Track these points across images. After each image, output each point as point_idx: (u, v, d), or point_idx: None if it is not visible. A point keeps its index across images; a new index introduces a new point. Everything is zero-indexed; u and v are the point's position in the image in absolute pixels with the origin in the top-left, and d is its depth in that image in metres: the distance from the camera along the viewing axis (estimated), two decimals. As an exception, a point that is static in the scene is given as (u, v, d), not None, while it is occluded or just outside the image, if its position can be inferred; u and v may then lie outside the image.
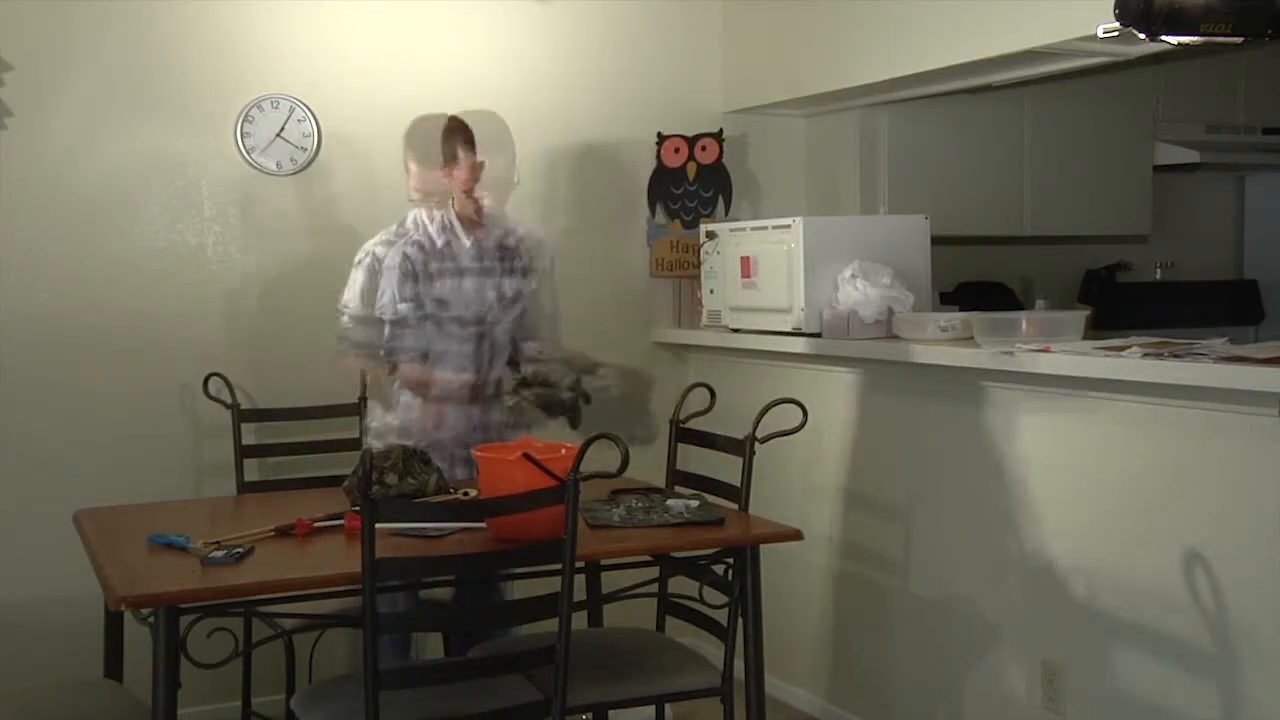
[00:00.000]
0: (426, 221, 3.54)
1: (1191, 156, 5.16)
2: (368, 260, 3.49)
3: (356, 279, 3.49)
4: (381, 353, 3.45)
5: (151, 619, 2.49)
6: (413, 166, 3.51)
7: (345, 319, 3.48)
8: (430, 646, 3.80)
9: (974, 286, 5.16)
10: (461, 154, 3.37)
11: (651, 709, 3.30)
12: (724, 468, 3.24)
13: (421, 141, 3.51)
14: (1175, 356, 2.87)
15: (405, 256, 3.36)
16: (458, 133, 3.41)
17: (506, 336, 3.51)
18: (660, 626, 3.26)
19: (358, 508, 2.48)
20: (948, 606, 3.57)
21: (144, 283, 3.90)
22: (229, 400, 3.64)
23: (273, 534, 2.80)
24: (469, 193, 3.40)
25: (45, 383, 3.80)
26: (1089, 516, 3.14)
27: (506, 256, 3.51)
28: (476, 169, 3.38)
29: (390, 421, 3.46)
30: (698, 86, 4.62)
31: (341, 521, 2.86)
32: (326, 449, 3.72)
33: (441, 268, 3.39)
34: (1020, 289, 5.38)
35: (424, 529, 2.78)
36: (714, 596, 3.03)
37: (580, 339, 3.58)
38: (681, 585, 3.14)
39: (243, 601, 2.63)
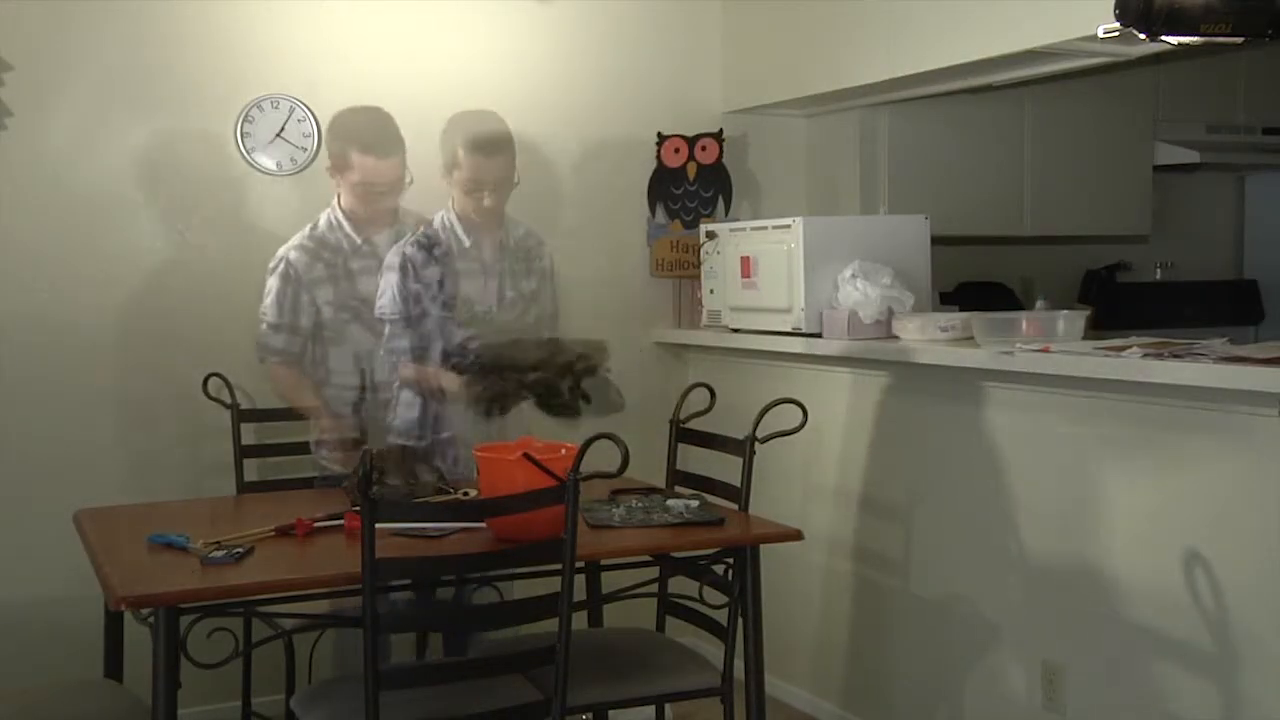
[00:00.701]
0: (342, 220, 3.52)
1: (1191, 156, 5.16)
2: (282, 267, 3.49)
3: (273, 286, 3.49)
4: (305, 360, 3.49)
5: (151, 619, 2.49)
6: (357, 157, 3.45)
7: (263, 327, 3.48)
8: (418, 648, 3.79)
9: (974, 286, 5.16)
10: (462, 154, 3.37)
11: (651, 709, 3.29)
12: (724, 468, 3.24)
13: (361, 130, 3.47)
14: (1175, 356, 2.87)
15: (405, 257, 3.35)
16: (457, 132, 3.41)
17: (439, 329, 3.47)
18: (660, 626, 3.26)
19: (358, 508, 2.48)
20: (948, 606, 3.57)
21: (144, 283, 3.90)
22: (229, 400, 3.63)
23: (273, 534, 2.80)
24: (470, 193, 3.39)
25: (45, 383, 3.80)
26: (1089, 516, 3.14)
27: (506, 256, 3.51)
28: (477, 169, 3.37)
29: (391, 422, 3.46)
30: (698, 86, 4.62)
31: (341, 521, 2.86)
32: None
33: (445, 267, 3.38)
34: (1020, 289, 5.39)
35: (424, 529, 2.78)
36: (714, 596, 3.03)
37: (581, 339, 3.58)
38: (681, 585, 3.14)
39: (243, 601, 2.63)
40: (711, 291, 4.29)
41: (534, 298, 3.56)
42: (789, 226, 3.89)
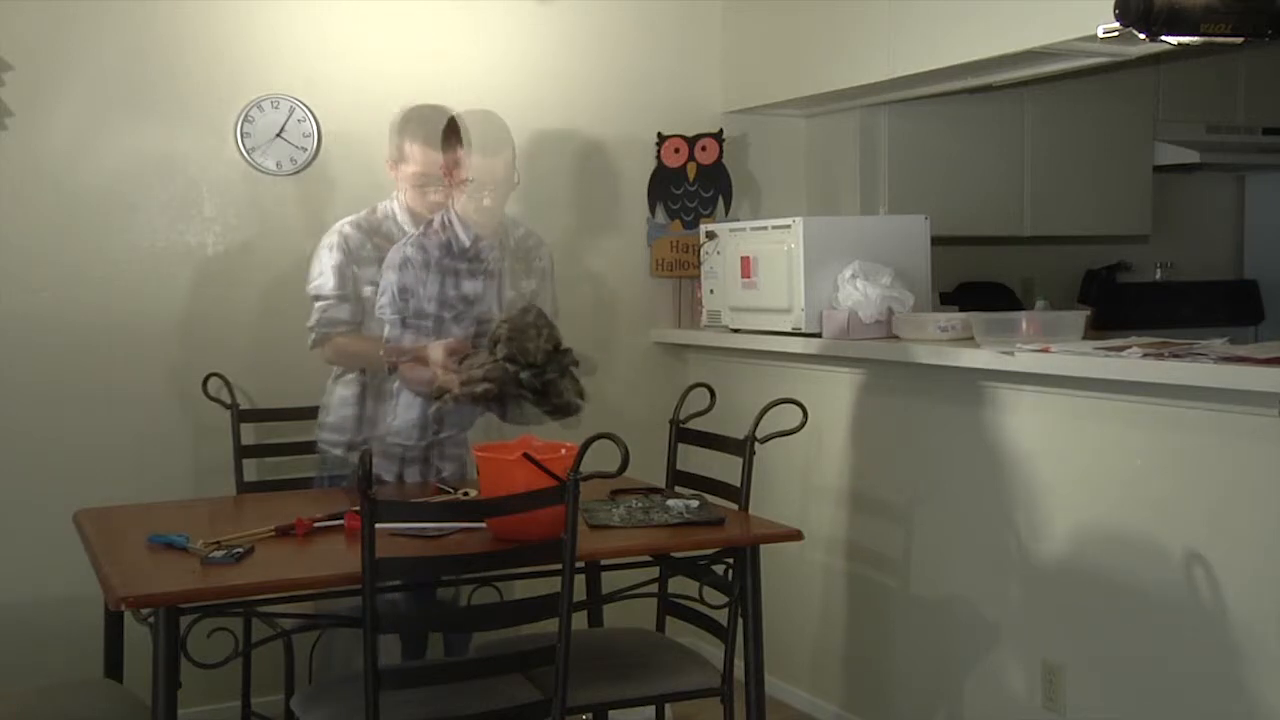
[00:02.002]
0: (397, 211, 3.52)
1: (1191, 156, 5.16)
2: (337, 239, 3.46)
3: (328, 259, 3.45)
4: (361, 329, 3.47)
5: (151, 619, 2.49)
6: (415, 149, 3.46)
7: (324, 301, 3.45)
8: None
9: (974, 286, 5.16)
10: (462, 153, 3.36)
11: (651, 709, 3.29)
12: (724, 468, 3.24)
13: (421, 125, 3.48)
14: (1175, 356, 2.88)
15: (406, 257, 3.35)
16: (458, 132, 3.40)
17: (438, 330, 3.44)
18: (660, 626, 3.26)
19: (358, 508, 2.48)
20: (948, 606, 3.57)
21: (144, 283, 3.90)
22: (229, 400, 3.64)
23: (273, 534, 2.80)
24: (469, 193, 3.39)
25: (45, 383, 3.80)
26: (1089, 516, 3.14)
27: (506, 257, 3.51)
28: (477, 169, 3.37)
29: (391, 423, 3.45)
30: (698, 86, 4.62)
31: (341, 521, 2.86)
32: (326, 449, 3.72)
33: (445, 267, 3.38)
34: (1020, 289, 5.39)
35: (424, 529, 2.78)
36: (714, 596, 3.03)
37: (580, 339, 3.55)
38: (681, 585, 3.14)
39: (243, 601, 2.63)
40: (711, 291, 4.30)
41: (533, 298, 3.55)
42: (789, 226, 3.89)
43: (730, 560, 2.93)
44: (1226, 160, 5.39)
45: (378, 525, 2.41)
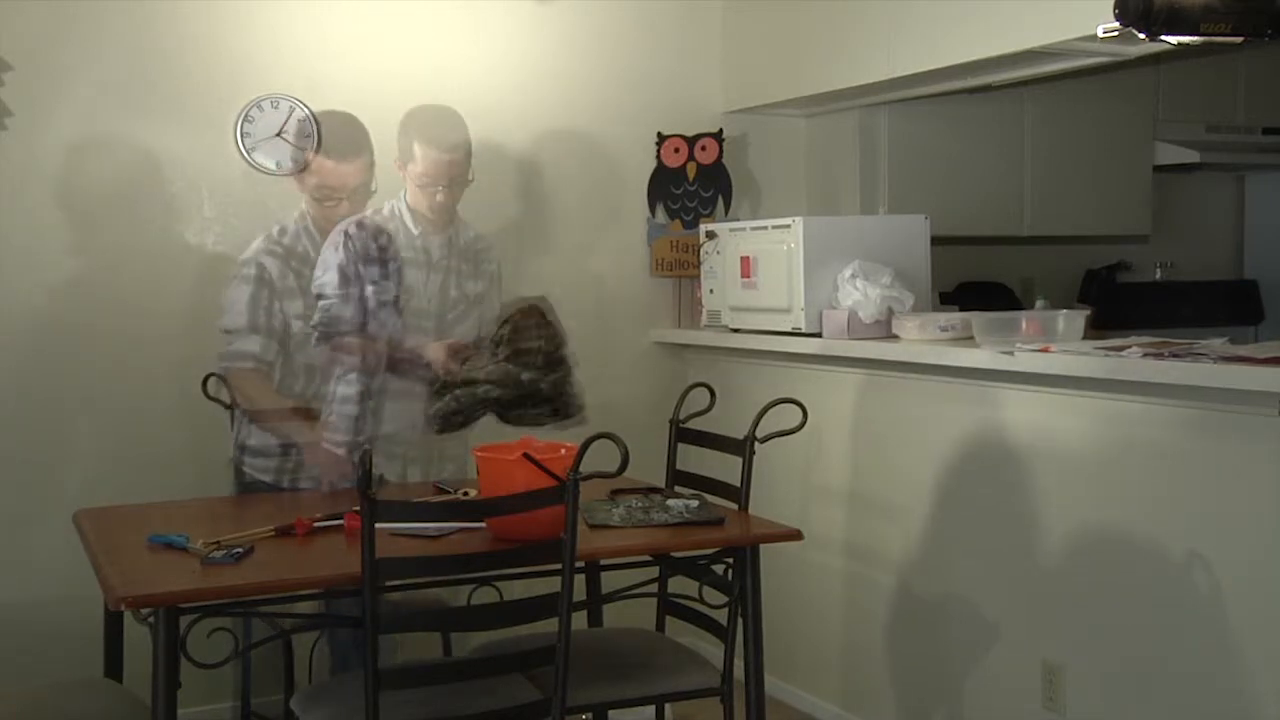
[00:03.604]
0: (404, 210, 3.50)
1: (1191, 156, 5.16)
2: (342, 239, 3.40)
3: (333, 258, 3.43)
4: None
5: (151, 619, 2.49)
6: (420, 149, 3.44)
7: (327, 300, 3.43)
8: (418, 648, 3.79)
9: (974, 286, 5.16)
10: (418, 149, 3.35)
11: (651, 709, 3.29)
12: (724, 468, 3.24)
13: (426, 125, 3.46)
14: (1175, 356, 2.88)
15: (349, 237, 3.35)
16: (415, 128, 3.39)
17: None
18: (660, 626, 3.26)
19: (358, 508, 2.48)
20: (947, 606, 3.57)
21: (144, 283, 3.90)
22: (228, 400, 3.63)
23: (273, 534, 2.80)
24: (423, 188, 3.38)
25: (45, 383, 3.80)
26: (1089, 516, 3.14)
27: (453, 255, 3.48)
28: (431, 163, 3.35)
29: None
30: (698, 86, 4.63)
31: (341, 521, 2.86)
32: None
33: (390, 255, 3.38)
34: (1020, 289, 5.39)
35: (423, 529, 2.78)
36: (714, 596, 3.03)
37: (580, 339, 3.54)
38: (681, 585, 3.14)
39: (243, 601, 2.63)
40: (711, 291, 4.30)
41: (480, 301, 3.54)
42: (789, 226, 3.89)
43: (730, 560, 2.93)
44: (1226, 160, 5.39)
45: (378, 525, 2.41)
